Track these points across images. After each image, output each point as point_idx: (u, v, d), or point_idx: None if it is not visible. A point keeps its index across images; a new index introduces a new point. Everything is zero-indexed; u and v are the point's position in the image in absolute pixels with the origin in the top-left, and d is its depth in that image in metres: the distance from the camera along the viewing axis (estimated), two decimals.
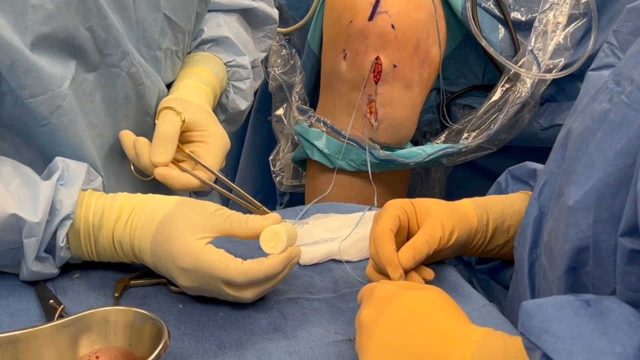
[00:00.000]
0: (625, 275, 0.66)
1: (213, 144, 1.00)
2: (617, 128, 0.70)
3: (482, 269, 1.10)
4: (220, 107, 1.16)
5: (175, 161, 0.96)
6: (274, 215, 0.87)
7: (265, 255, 0.84)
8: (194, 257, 0.82)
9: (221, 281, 0.82)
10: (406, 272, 0.88)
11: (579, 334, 0.57)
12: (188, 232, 0.83)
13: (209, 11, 1.17)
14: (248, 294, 0.84)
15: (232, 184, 0.98)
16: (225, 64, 1.16)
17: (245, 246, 0.95)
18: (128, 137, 0.97)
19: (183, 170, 0.95)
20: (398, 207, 0.91)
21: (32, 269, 0.85)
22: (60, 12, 0.84)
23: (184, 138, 0.99)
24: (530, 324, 0.59)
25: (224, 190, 0.97)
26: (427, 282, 0.90)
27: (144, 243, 0.85)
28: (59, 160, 0.89)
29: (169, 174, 0.94)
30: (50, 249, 0.86)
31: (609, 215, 0.68)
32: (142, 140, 0.96)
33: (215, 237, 0.84)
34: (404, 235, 0.92)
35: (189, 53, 1.14)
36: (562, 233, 0.74)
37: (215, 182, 0.98)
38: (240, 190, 0.96)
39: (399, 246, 0.89)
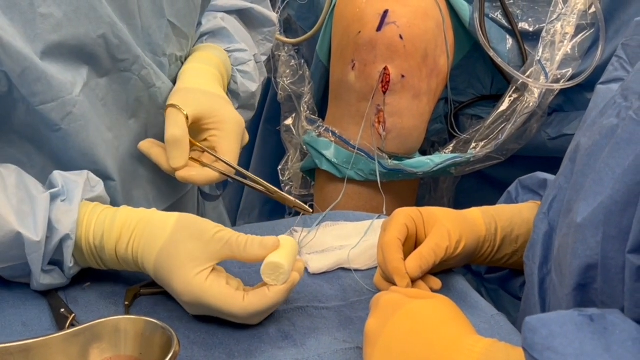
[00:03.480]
0: (634, 293, 0.65)
1: (227, 129, 0.99)
2: (625, 145, 0.69)
3: (492, 279, 1.10)
4: (232, 94, 1.14)
5: (196, 155, 0.98)
6: (273, 240, 0.86)
7: None
8: (195, 295, 0.82)
9: (224, 315, 0.84)
10: (413, 281, 0.88)
11: (582, 351, 0.56)
12: (188, 266, 0.83)
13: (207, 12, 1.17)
14: (253, 321, 0.86)
15: (248, 172, 0.99)
16: (224, 50, 1.14)
17: None
18: (147, 148, 0.98)
19: (203, 165, 0.97)
20: (406, 216, 0.92)
21: (41, 282, 0.86)
22: (70, 20, 0.84)
23: (198, 128, 0.99)
24: (533, 340, 0.58)
25: (244, 180, 0.99)
26: (435, 291, 0.90)
27: (148, 268, 0.85)
28: (57, 175, 0.88)
29: (189, 174, 0.95)
30: (57, 262, 0.87)
31: (617, 233, 0.67)
32: (156, 150, 0.97)
33: (215, 264, 0.84)
34: (412, 243, 0.92)
35: None
36: (570, 250, 0.73)
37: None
38: (257, 178, 0.98)
39: (407, 255, 0.89)
